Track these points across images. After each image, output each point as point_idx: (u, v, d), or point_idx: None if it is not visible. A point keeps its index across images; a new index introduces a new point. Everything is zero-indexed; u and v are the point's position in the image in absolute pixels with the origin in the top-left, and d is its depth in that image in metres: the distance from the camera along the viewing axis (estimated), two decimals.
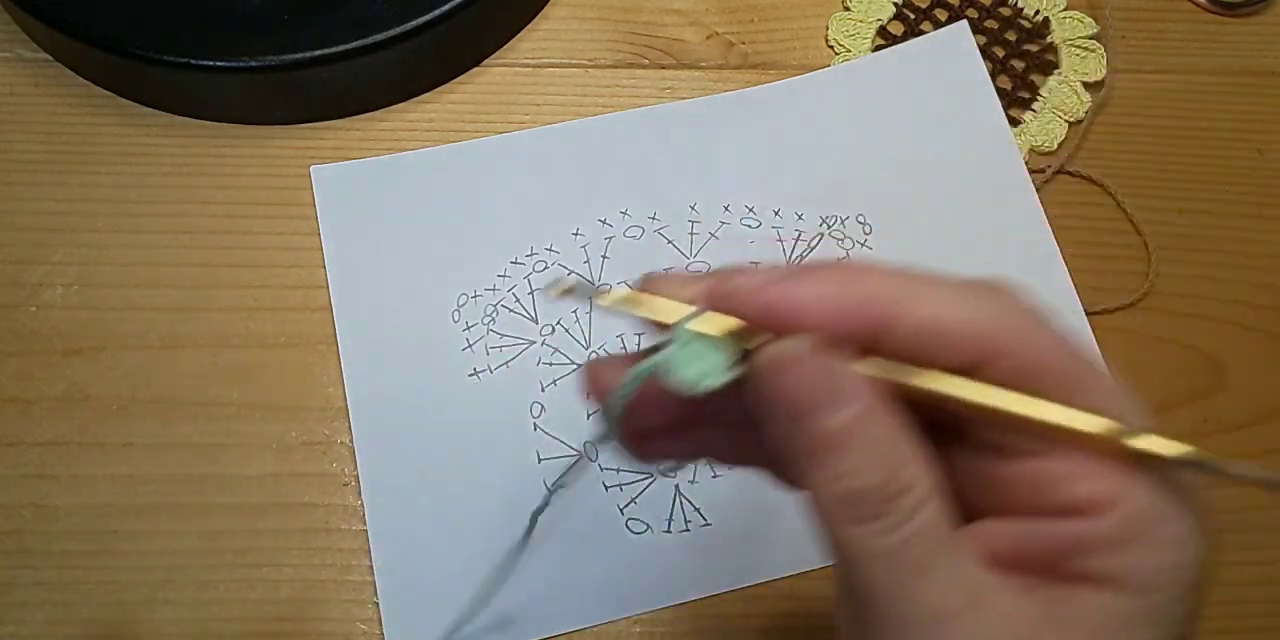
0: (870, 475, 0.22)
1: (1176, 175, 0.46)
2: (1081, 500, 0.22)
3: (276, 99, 0.44)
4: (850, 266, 0.23)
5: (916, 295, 0.23)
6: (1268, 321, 0.44)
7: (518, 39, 0.47)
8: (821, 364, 0.22)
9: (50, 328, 0.41)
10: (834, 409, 0.22)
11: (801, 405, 0.22)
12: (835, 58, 0.47)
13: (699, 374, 0.23)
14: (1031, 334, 0.23)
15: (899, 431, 0.22)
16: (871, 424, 0.22)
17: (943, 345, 0.23)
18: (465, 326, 0.41)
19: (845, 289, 0.23)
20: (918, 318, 0.22)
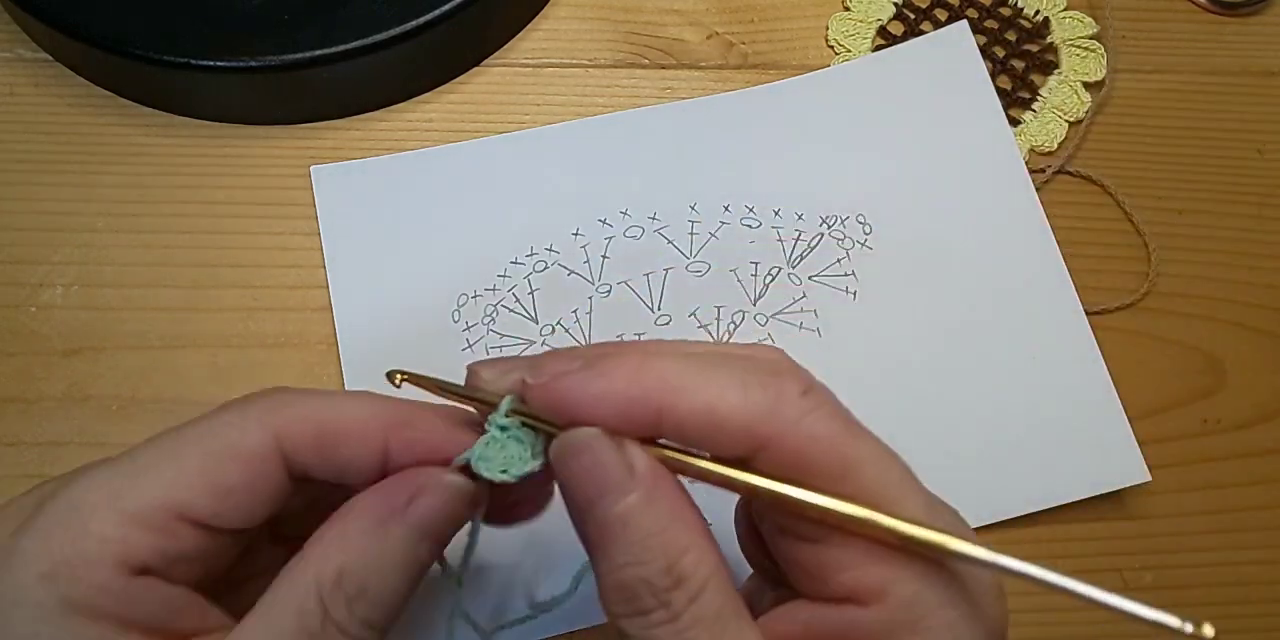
0: (650, 565, 0.23)
1: (1176, 175, 0.46)
2: (853, 588, 0.23)
3: (276, 99, 0.44)
4: (638, 355, 0.24)
5: (693, 385, 0.23)
6: (1268, 321, 0.44)
7: (518, 39, 0.47)
8: (604, 452, 0.23)
9: (50, 328, 0.41)
10: (617, 496, 0.23)
11: (587, 491, 0.23)
12: (835, 58, 0.47)
13: (503, 465, 0.25)
14: (801, 422, 0.23)
15: (680, 517, 0.23)
16: (653, 509, 0.23)
17: (716, 434, 0.23)
18: (465, 326, 0.41)
19: (625, 382, 0.23)
20: (690, 408, 0.23)
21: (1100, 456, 0.40)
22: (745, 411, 0.23)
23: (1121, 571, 0.39)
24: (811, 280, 0.42)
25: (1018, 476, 0.39)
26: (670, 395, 0.23)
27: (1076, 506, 0.39)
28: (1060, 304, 0.42)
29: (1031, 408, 0.40)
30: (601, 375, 0.24)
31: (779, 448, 0.23)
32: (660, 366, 0.23)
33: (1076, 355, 0.41)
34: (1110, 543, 0.40)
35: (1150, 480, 0.39)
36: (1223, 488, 0.41)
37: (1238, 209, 0.46)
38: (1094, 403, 0.40)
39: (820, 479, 0.23)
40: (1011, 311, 0.42)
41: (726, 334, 0.41)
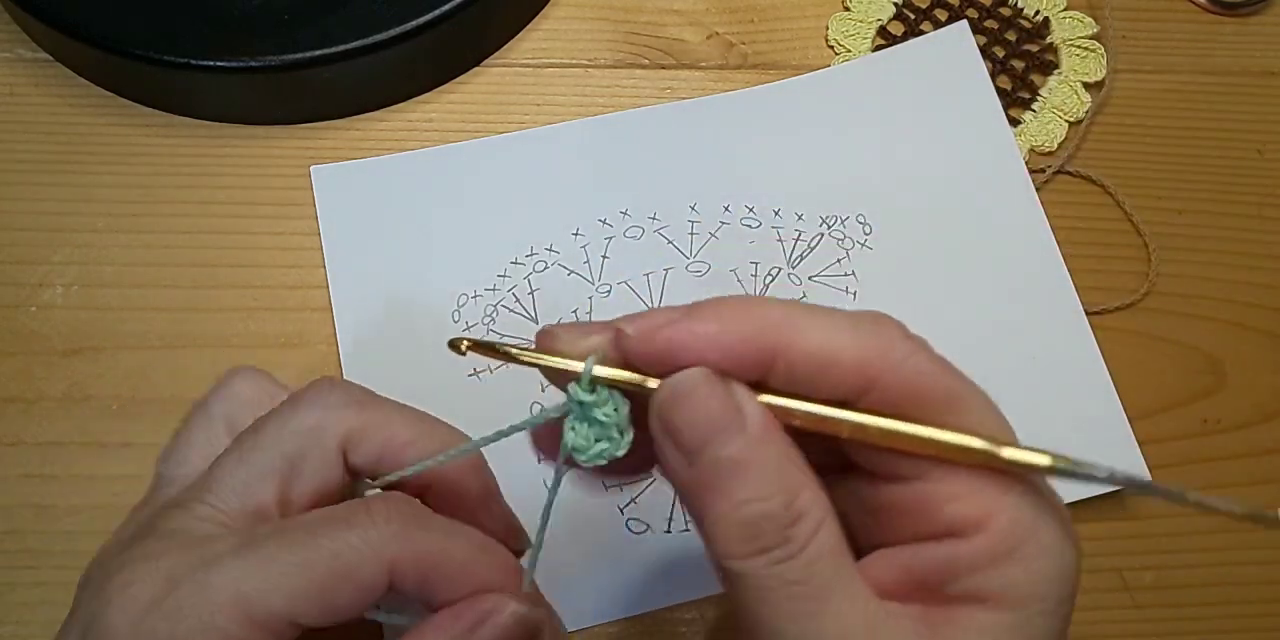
0: (771, 500, 0.23)
1: (1176, 175, 0.46)
2: (955, 521, 0.23)
3: (276, 99, 0.44)
4: (740, 301, 0.24)
5: (802, 327, 0.24)
6: (1268, 321, 0.44)
7: (518, 39, 0.47)
8: (717, 392, 0.23)
9: (50, 328, 0.41)
10: (731, 435, 0.23)
11: (700, 433, 0.23)
12: (835, 58, 0.47)
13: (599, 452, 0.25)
14: (908, 360, 0.24)
15: (792, 458, 0.23)
16: (768, 449, 0.23)
17: (829, 372, 0.24)
18: (465, 326, 0.41)
19: (736, 323, 0.24)
20: (804, 348, 0.23)
21: (1100, 456, 0.40)
22: (858, 350, 0.23)
23: (1121, 571, 0.39)
24: (811, 280, 0.42)
25: None
26: (784, 335, 0.23)
27: (1076, 506, 0.39)
28: (1060, 304, 0.42)
29: (1031, 408, 0.40)
30: (709, 319, 0.24)
31: (889, 385, 0.23)
32: (768, 309, 0.24)
33: (1076, 355, 0.41)
34: (1110, 543, 0.40)
35: (1150, 480, 0.39)
36: (1223, 488, 0.41)
37: (1238, 209, 0.46)
38: (1094, 403, 0.40)
39: (929, 412, 0.24)
40: (1011, 311, 0.42)
41: None
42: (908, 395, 0.23)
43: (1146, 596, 0.39)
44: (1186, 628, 0.39)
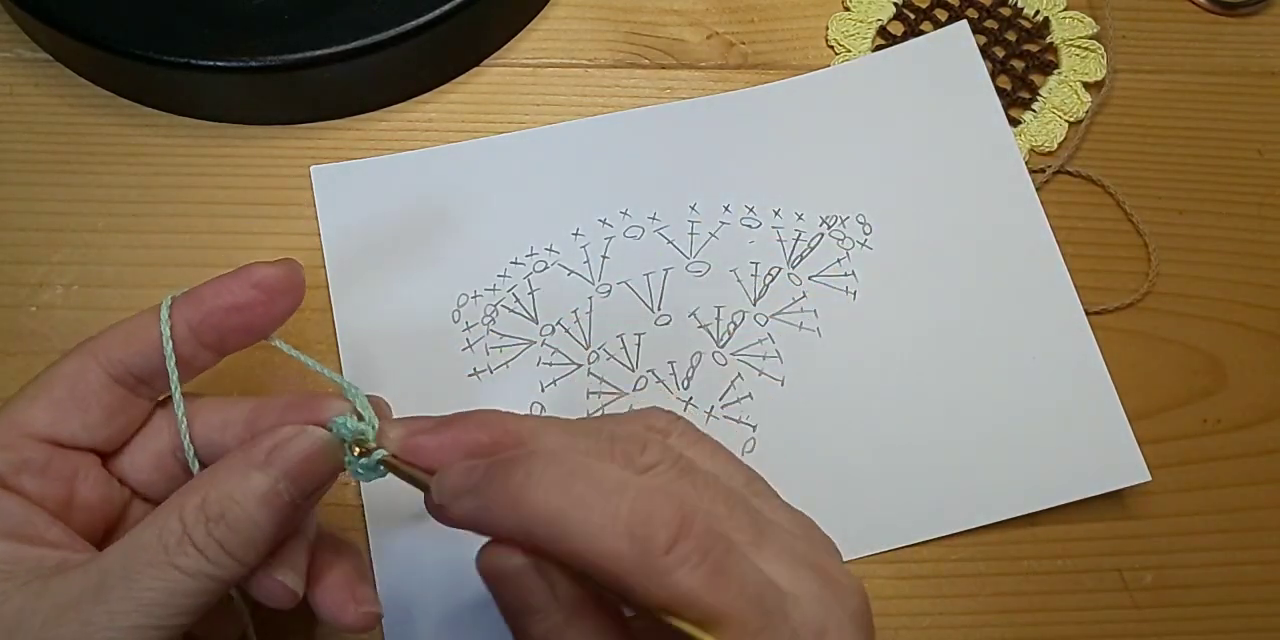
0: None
1: (1176, 175, 0.46)
2: None
3: (276, 99, 0.44)
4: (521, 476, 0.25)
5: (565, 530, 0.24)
6: (1268, 321, 0.44)
7: (518, 39, 0.47)
8: (524, 579, 0.25)
9: (50, 328, 0.41)
10: (535, 619, 0.25)
11: (512, 610, 0.26)
12: (835, 58, 0.47)
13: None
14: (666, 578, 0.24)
15: (596, 633, 0.25)
16: (568, 633, 0.25)
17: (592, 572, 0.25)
18: (465, 326, 0.41)
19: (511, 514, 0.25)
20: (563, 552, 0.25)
21: (1100, 456, 0.40)
22: (613, 563, 0.24)
23: (1121, 571, 0.39)
24: (811, 280, 0.42)
25: (1018, 476, 0.39)
26: (545, 534, 0.24)
27: (1076, 506, 0.39)
28: (1060, 304, 0.42)
29: (1031, 408, 0.40)
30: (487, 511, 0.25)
31: (647, 598, 0.24)
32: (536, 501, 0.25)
33: (1076, 355, 0.41)
34: (1110, 543, 0.40)
35: (1150, 480, 0.39)
36: (1223, 488, 0.41)
37: (1238, 209, 0.46)
38: (1094, 403, 0.40)
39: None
40: (1011, 311, 0.42)
41: (727, 334, 0.41)
42: (666, 609, 0.24)
43: (1146, 596, 0.39)
44: (1186, 628, 0.39)
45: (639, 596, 0.24)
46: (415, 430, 0.29)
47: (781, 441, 0.40)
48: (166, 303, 0.30)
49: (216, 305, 0.30)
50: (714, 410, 0.40)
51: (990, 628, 0.38)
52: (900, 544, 0.39)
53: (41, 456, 0.29)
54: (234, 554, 0.26)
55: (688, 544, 0.24)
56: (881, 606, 0.38)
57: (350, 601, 0.30)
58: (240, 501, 0.27)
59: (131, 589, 0.25)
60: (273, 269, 0.30)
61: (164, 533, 0.26)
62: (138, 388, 0.30)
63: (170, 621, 0.26)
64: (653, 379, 0.40)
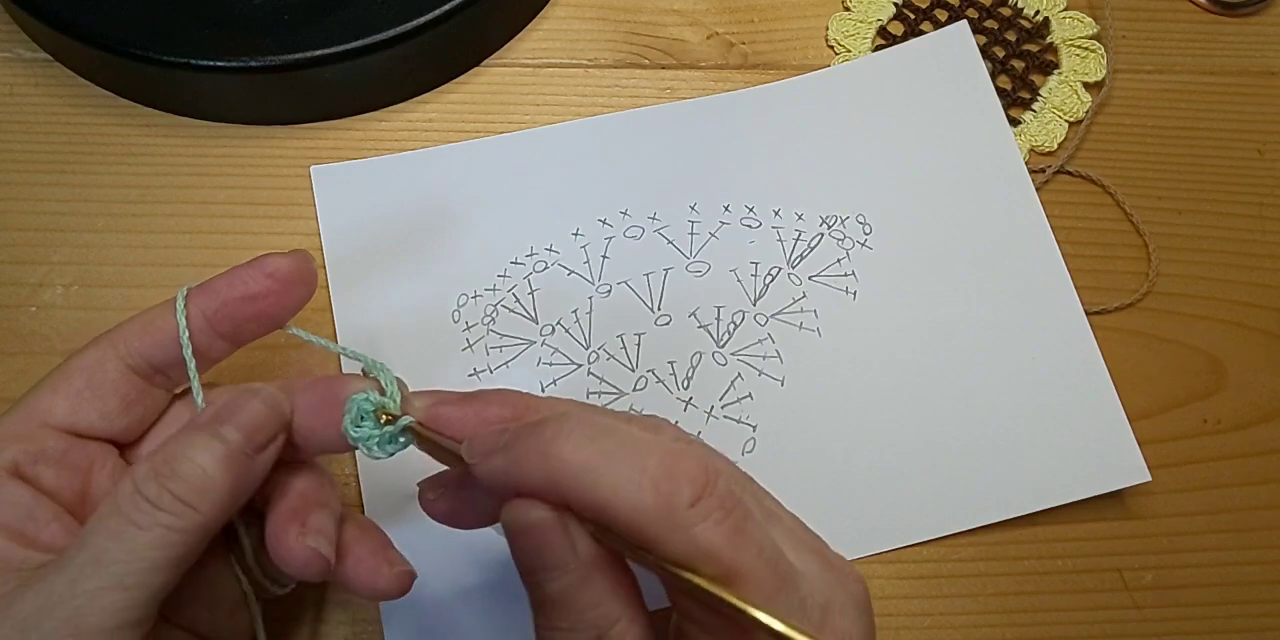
0: (579, 632, 0.26)
1: (1176, 175, 0.46)
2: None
3: (276, 99, 0.44)
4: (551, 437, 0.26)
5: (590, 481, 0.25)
6: (1268, 321, 0.44)
7: (518, 39, 0.47)
8: (547, 532, 0.26)
9: (50, 328, 0.41)
10: (557, 574, 0.26)
11: (533, 564, 0.26)
12: (835, 58, 0.47)
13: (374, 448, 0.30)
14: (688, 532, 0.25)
15: (613, 591, 0.26)
16: (587, 587, 0.26)
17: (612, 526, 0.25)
18: (465, 326, 0.41)
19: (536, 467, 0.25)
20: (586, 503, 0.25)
21: (1100, 456, 0.40)
22: (637, 514, 0.24)
23: (1121, 571, 0.39)
24: (811, 280, 0.42)
25: (1018, 476, 0.39)
26: (573, 486, 0.25)
27: (1076, 506, 0.39)
28: (1060, 304, 0.42)
29: (1031, 408, 0.40)
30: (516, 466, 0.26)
31: (668, 551, 0.24)
32: (565, 452, 0.25)
33: (1076, 355, 0.41)
34: (1110, 543, 0.40)
35: (1150, 480, 0.39)
36: (1223, 488, 0.41)
37: (1238, 209, 0.46)
38: (1094, 403, 0.40)
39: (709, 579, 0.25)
40: (1011, 311, 0.42)
41: (726, 334, 0.41)
42: (685, 563, 0.25)
43: (1146, 596, 0.39)
44: (1186, 628, 0.39)
45: (660, 549, 0.24)
46: (441, 400, 0.30)
47: (781, 441, 0.40)
48: (182, 293, 0.30)
49: (231, 296, 0.30)
50: (714, 410, 0.40)
51: (990, 628, 0.38)
52: (900, 544, 0.39)
53: (59, 446, 0.29)
54: (187, 501, 0.27)
55: (711, 501, 0.24)
56: (881, 606, 0.38)
57: (384, 564, 0.30)
58: (186, 454, 0.27)
59: (89, 551, 0.26)
60: (286, 259, 0.31)
61: (118, 496, 0.27)
62: (155, 378, 0.31)
63: (135, 580, 0.25)
64: (653, 379, 0.40)
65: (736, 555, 0.24)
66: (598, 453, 0.25)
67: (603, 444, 0.25)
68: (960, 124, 0.45)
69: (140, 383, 0.30)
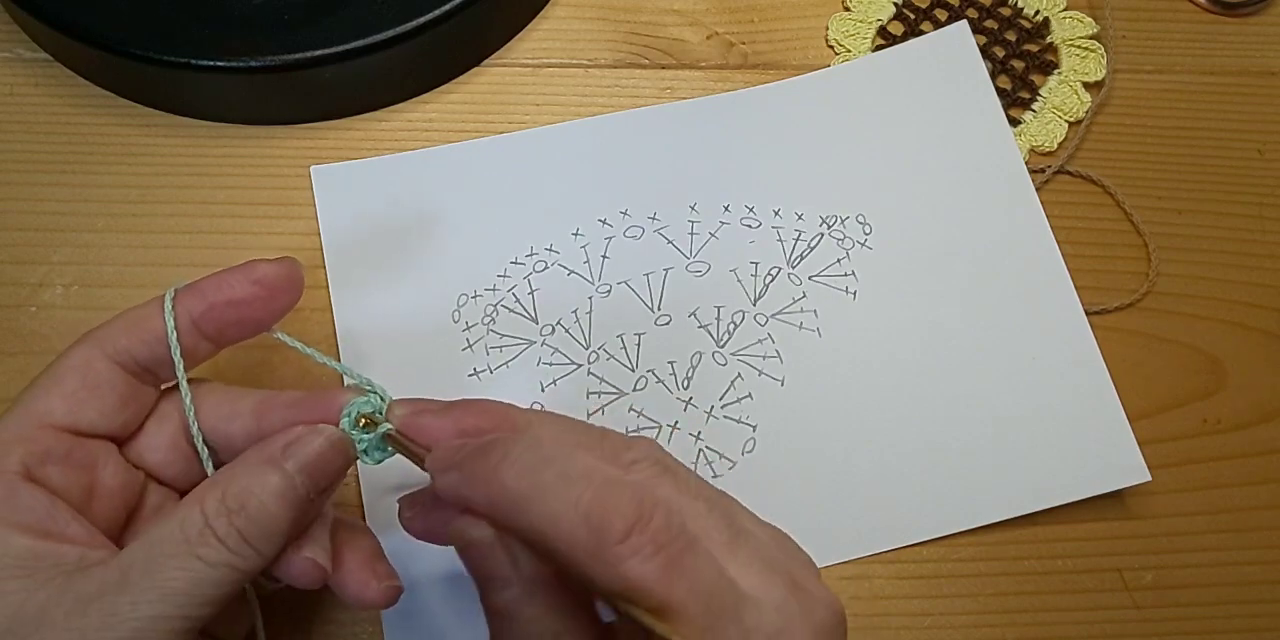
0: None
1: (1176, 175, 0.46)
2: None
3: (276, 99, 0.44)
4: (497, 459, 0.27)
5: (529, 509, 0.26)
6: (1268, 321, 0.44)
7: (518, 39, 0.47)
8: (488, 550, 0.27)
9: (50, 328, 0.41)
10: (495, 589, 0.27)
11: (476, 578, 0.28)
12: (835, 58, 0.47)
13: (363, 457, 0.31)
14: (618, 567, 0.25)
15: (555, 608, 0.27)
16: (526, 605, 0.27)
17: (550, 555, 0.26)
18: (465, 326, 0.41)
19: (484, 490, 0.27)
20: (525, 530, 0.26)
21: (1100, 456, 0.40)
22: (570, 547, 0.25)
23: (1121, 571, 0.39)
24: (811, 280, 0.42)
25: (1018, 476, 0.39)
26: (510, 512, 0.26)
27: (1076, 506, 0.39)
28: (1060, 304, 0.42)
29: (1031, 408, 0.40)
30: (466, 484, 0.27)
31: (599, 584, 0.25)
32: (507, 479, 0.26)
33: (1076, 355, 0.41)
34: (1110, 543, 0.40)
35: (1150, 480, 0.39)
36: (1223, 488, 0.41)
37: (1238, 209, 0.46)
38: (1094, 403, 0.40)
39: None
40: (1011, 311, 0.42)
41: (726, 334, 0.41)
42: (616, 596, 0.25)
43: (1146, 596, 0.39)
44: (1186, 628, 0.39)
45: (594, 581, 0.25)
46: (420, 409, 0.31)
47: (781, 441, 0.40)
48: (170, 294, 0.31)
49: (218, 299, 0.31)
50: (714, 410, 0.40)
51: (990, 628, 0.38)
52: (900, 544, 0.39)
53: (63, 446, 0.29)
54: (254, 544, 0.27)
55: (642, 536, 0.25)
56: (881, 606, 0.38)
57: (372, 578, 0.31)
58: (258, 495, 0.27)
59: (155, 579, 0.26)
60: (273, 266, 0.31)
61: (186, 525, 0.27)
62: (143, 376, 0.31)
63: (192, 612, 0.26)
64: (653, 379, 0.40)
65: (667, 590, 0.25)
66: (536, 483, 0.26)
67: (542, 474, 0.26)
68: (960, 124, 0.45)
69: (130, 380, 0.31)
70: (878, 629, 0.38)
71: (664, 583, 0.25)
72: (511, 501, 0.26)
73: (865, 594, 0.38)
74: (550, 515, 0.25)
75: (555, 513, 0.25)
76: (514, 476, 0.26)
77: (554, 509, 0.25)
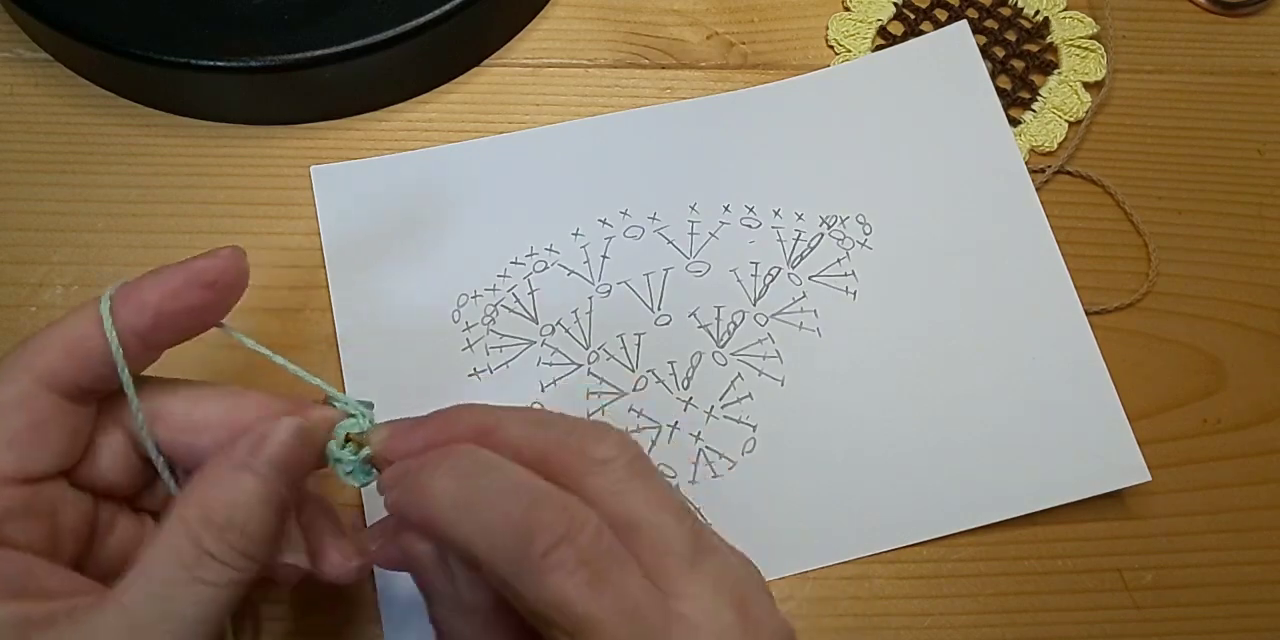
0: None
1: (1176, 175, 0.46)
2: None
3: (276, 99, 0.44)
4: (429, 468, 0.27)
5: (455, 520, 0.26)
6: (1268, 321, 0.44)
7: (518, 39, 0.47)
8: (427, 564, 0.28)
9: None
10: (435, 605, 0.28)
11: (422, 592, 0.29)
12: (835, 58, 0.47)
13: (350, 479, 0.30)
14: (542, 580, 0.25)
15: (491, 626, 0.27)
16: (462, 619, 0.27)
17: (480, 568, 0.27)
18: (465, 326, 0.41)
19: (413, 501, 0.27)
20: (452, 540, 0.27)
21: (1100, 456, 0.40)
22: (495, 558, 0.25)
23: (1121, 571, 0.39)
24: (811, 280, 0.42)
25: (1018, 476, 0.39)
26: (438, 522, 0.26)
27: (1076, 506, 0.39)
28: (1060, 304, 0.42)
29: (1031, 408, 0.40)
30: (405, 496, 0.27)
31: (523, 597, 0.25)
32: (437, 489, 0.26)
33: (1076, 355, 0.41)
34: (1110, 543, 0.40)
35: (1150, 480, 0.39)
36: (1223, 488, 0.41)
37: (1238, 209, 0.46)
38: (1094, 403, 0.40)
39: None
40: (1011, 311, 0.42)
41: (726, 334, 0.41)
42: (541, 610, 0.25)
43: (1146, 596, 0.39)
44: (1186, 628, 0.39)
45: (519, 594, 0.25)
46: (396, 431, 0.30)
47: (781, 441, 0.40)
48: (106, 308, 0.28)
49: (166, 309, 0.28)
50: (714, 410, 0.40)
51: (990, 628, 0.38)
52: (900, 544, 0.39)
53: (19, 499, 0.27)
54: (250, 555, 0.27)
55: (568, 550, 0.25)
56: (881, 606, 0.38)
57: (339, 559, 0.31)
58: (242, 504, 0.27)
59: (168, 618, 0.25)
60: (218, 263, 0.29)
61: (180, 552, 0.26)
62: (84, 398, 0.29)
63: (203, 629, 0.26)
64: (653, 379, 0.40)
65: (589, 606, 0.24)
66: (465, 494, 0.26)
67: (473, 484, 0.26)
68: (960, 124, 0.45)
69: (73, 408, 0.28)
70: (878, 629, 0.38)
71: (585, 598, 0.24)
72: (441, 513, 0.26)
73: (865, 594, 0.38)
74: (478, 526, 0.25)
75: (484, 523, 0.25)
76: (443, 488, 0.26)
77: (482, 519, 0.25)
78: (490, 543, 0.25)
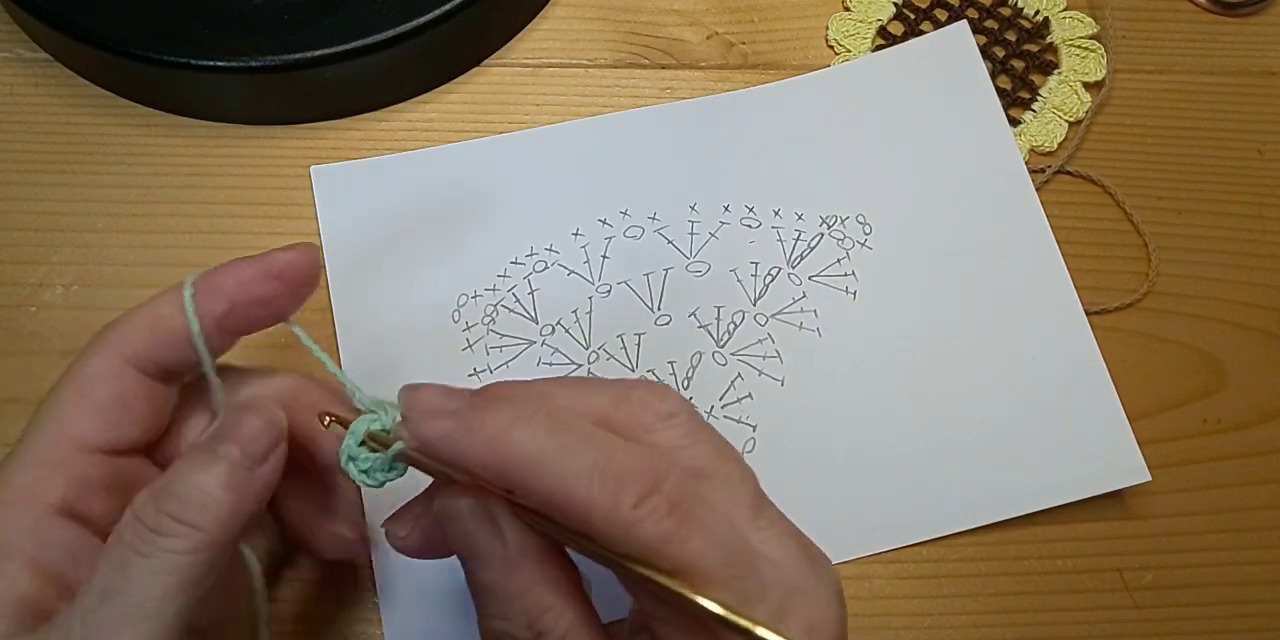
0: (512, 620, 0.26)
1: (1176, 175, 0.46)
2: None
3: (276, 99, 0.44)
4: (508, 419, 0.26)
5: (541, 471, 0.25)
6: (1268, 321, 0.44)
7: (518, 39, 0.47)
8: (473, 522, 0.27)
9: (50, 328, 0.41)
10: (485, 562, 0.27)
11: (463, 553, 0.27)
12: (835, 58, 0.47)
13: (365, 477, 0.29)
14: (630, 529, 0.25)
15: (542, 579, 0.26)
16: (517, 575, 0.26)
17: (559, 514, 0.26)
18: (465, 326, 0.41)
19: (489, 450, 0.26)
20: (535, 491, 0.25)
21: (1100, 456, 0.40)
22: (582, 510, 0.25)
23: (1121, 571, 0.39)
24: (811, 280, 0.42)
25: (1018, 476, 0.39)
26: (521, 473, 0.25)
27: (1076, 506, 0.39)
28: (1060, 304, 0.42)
29: (1031, 408, 0.40)
30: (465, 436, 0.26)
31: (614, 544, 0.25)
32: (520, 439, 0.25)
33: (1076, 355, 0.41)
34: (1110, 543, 0.40)
35: (1150, 480, 0.39)
36: (1223, 488, 0.41)
37: (1238, 209, 0.46)
38: (1094, 403, 0.40)
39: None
40: (1011, 311, 0.42)
41: (726, 334, 0.41)
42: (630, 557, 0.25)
43: (1146, 596, 0.39)
44: (1186, 628, 0.39)
45: (606, 544, 0.25)
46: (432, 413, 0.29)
47: (781, 441, 0.40)
48: (189, 291, 0.29)
49: (241, 299, 0.29)
50: (714, 410, 0.40)
51: (990, 628, 0.38)
52: (900, 544, 0.39)
53: (103, 471, 0.28)
54: (187, 521, 0.26)
55: (656, 498, 0.25)
56: (882, 606, 0.38)
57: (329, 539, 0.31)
58: (183, 476, 0.27)
59: (96, 585, 0.25)
60: (293, 257, 0.30)
61: (121, 530, 0.26)
62: (166, 378, 0.30)
63: (151, 608, 0.25)
64: (653, 379, 0.40)
65: (682, 547, 0.25)
66: (549, 447, 0.25)
67: (557, 438, 0.25)
68: (960, 124, 0.45)
69: (157, 386, 0.29)
70: (878, 629, 0.38)
71: (678, 539, 0.25)
72: (523, 463, 0.25)
73: (865, 594, 0.38)
74: (563, 479, 0.25)
75: (572, 474, 0.25)
76: (527, 438, 0.25)
77: (568, 472, 0.25)
78: (578, 495, 0.25)
